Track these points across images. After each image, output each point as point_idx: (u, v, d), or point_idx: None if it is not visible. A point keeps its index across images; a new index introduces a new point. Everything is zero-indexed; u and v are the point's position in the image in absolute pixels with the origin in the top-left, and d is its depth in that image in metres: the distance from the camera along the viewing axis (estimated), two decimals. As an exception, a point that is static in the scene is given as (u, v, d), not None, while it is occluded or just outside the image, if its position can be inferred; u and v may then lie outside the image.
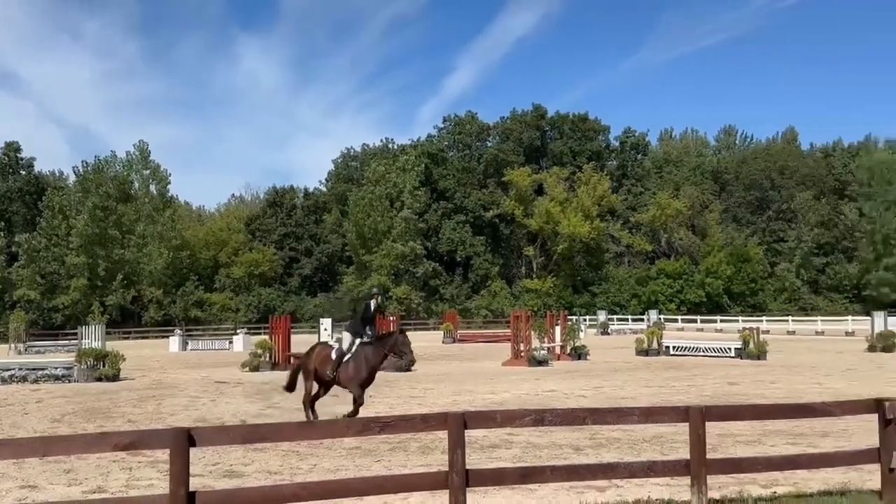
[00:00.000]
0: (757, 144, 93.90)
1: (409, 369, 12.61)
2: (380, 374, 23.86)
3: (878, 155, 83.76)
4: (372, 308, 13.42)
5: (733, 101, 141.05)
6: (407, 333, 13.31)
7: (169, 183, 78.15)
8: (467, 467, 6.54)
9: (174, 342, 43.44)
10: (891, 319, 35.54)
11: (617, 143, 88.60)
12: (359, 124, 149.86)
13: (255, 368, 26.02)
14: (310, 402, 13.02)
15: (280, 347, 27.17)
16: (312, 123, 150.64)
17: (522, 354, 26.91)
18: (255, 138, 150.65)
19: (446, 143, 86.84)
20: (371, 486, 6.91)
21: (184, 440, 5.83)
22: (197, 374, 25.08)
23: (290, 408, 15.91)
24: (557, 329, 30.33)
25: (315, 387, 13.17)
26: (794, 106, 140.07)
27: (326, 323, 48.50)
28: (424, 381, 20.96)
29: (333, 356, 12.86)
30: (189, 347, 43.34)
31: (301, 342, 37.54)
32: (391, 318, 29.62)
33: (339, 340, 13.22)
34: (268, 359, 26.62)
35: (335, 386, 13.16)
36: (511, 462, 9.57)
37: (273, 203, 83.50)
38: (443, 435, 6.59)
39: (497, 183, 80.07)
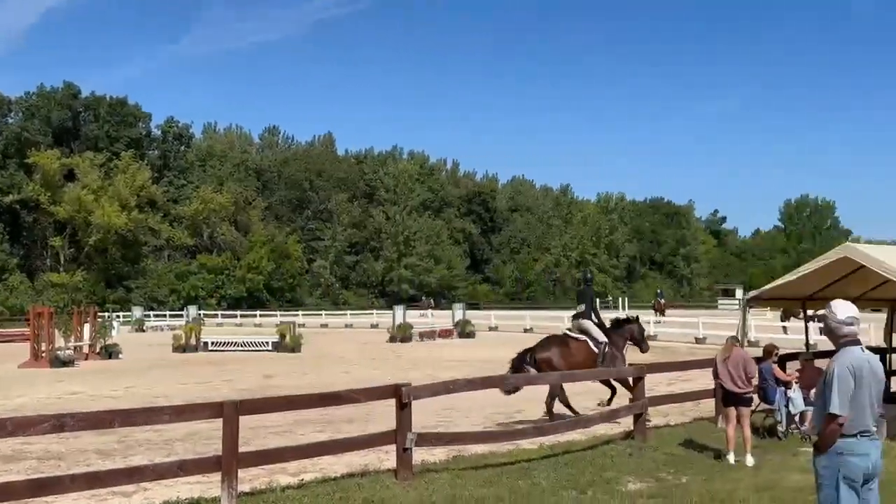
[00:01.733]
0: (298, 146, 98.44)
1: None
2: None
3: (402, 165, 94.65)
4: None
5: (277, 102, 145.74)
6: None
7: None
8: (-37, 488, 5.67)
9: None
10: (409, 312, 39.93)
11: (159, 133, 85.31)
12: None
13: None
14: (553, 403, 11.63)
15: None
16: None
17: (44, 355, 24.56)
18: None
19: (-47, 115, 74.87)
20: None
21: None
22: None
23: None
24: (87, 326, 28.21)
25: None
26: (332, 112, 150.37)
27: None
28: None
29: (594, 348, 11.85)
30: None
31: None
32: None
33: (586, 330, 12.16)
34: None
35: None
36: (26, 474, 8.54)
37: None
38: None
39: (19, 165, 71.23)
